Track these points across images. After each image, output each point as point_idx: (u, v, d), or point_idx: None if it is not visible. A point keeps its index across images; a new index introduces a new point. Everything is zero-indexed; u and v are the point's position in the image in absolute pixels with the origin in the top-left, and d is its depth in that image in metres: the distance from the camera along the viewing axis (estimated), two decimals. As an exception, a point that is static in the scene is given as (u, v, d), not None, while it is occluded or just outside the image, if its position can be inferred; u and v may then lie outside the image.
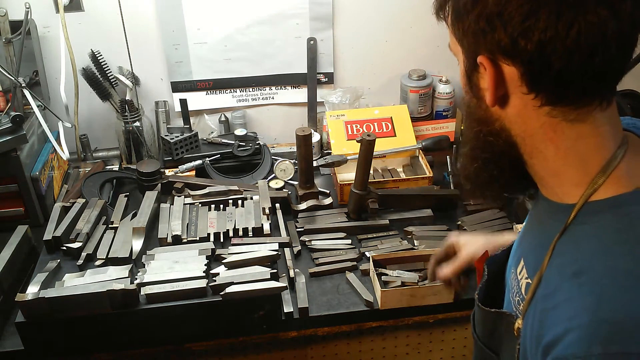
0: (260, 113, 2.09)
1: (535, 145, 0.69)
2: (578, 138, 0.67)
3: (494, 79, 0.66)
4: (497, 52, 0.64)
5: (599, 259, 0.63)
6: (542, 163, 0.70)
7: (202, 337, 1.36)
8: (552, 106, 0.65)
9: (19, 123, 1.54)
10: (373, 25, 1.98)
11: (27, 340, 1.27)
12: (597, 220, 0.66)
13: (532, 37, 0.61)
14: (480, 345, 0.87)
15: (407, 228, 1.60)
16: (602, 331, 0.59)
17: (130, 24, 1.84)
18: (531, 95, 0.65)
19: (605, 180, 0.66)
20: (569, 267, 0.65)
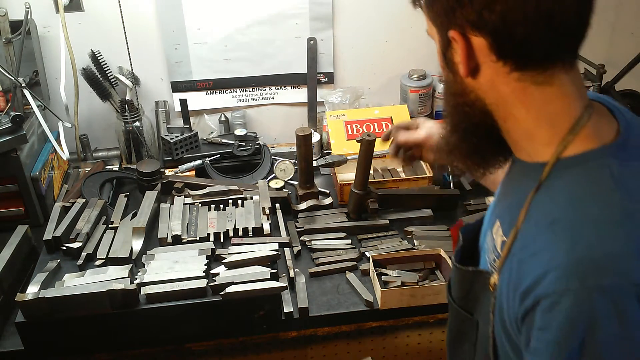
0: (260, 113, 2.09)
1: (508, 110, 0.75)
2: (546, 100, 0.72)
3: (465, 51, 0.72)
4: (466, 25, 0.70)
5: (573, 208, 0.69)
6: (516, 126, 0.76)
7: (202, 337, 1.36)
8: (520, 71, 0.71)
9: (19, 123, 1.54)
10: (373, 25, 1.98)
11: (27, 340, 1.27)
12: (569, 174, 0.71)
13: (494, 9, 0.67)
14: (456, 307, 0.92)
15: (407, 228, 1.60)
16: (579, 268, 0.65)
17: (130, 24, 1.84)
18: (500, 62, 0.71)
19: (574, 139, 0.72)
20: (545, 218, 0.70)
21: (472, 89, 0.76)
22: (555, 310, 0.65)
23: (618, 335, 0.63)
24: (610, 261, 0.64)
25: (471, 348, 0.90)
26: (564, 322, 0.64)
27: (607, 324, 0.63)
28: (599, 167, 0.70)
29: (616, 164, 0.70)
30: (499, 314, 0.76)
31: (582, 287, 0.64)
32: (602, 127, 0.74)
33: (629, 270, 0.63)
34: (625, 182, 0.69)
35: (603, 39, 2.08)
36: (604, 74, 1.81)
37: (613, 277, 0.63)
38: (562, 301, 0.64)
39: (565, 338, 0.64)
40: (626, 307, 0.62)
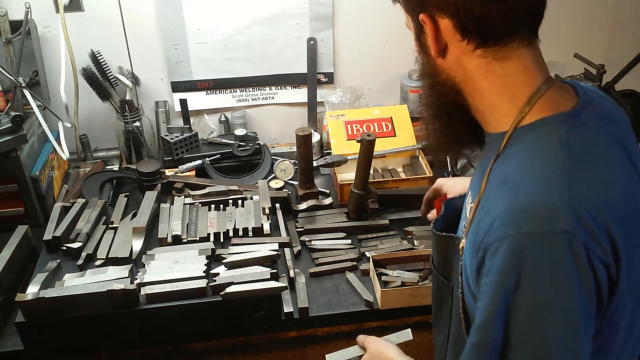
0: (260, 113, 2.09)
1: (474, 86, 0.82)
2: (507, 74, 0.79)
3: (433, 32, 0.80)
4: (433, 9, 0.78)
5: (522, 167, 0.76)
6: (481, 100, 0.82)
7: (202, 337, 1.36)
8: (483, 48, 0.78)
9: (19, 123, 1.54)
10: (373, 25, 1.98)
11: (27, 340, 1.27)
12: (523, 140, 0.78)
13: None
14: (437, 274, 0.99)
15: (407, 228, 1.60)
16: (516, 216, 0.71)
17: (130, 24, 1.84)
18: (464, 41, 0.78)
19: (531, 109, 0.78)
20: (498, 179, 0.78)
21: (443, 69, 0.83)
22: (496, 255, 0.71)
23: (547, 273, 0.69)
24: (544, 210, 0.70)
25: (447, 313, 0.97)
26: (501, 265, 0.71)
27: (538, 267, 0.69)
28: (548, 132, 0.76)
29: (564, 128, 0.76)
30: (464, 275, 0.83)
31: (517, 233, 0.70)
32: (560, 99, 0.79)
33: (559, 218, 0.69)
34: (569, 143, 0.74)
35: (603, 39, 2.08)
36: (604, 74, 1.81)
37: (545, 224, 0.69)
38: (502, 246, 0.71)
39: (503, 279, 0.71)
40: (556, 252, 0.68)
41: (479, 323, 0.74)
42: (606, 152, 0.78)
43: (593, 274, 0.70)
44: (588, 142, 0.76)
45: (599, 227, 0.70)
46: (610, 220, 0.71)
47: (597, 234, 0.70)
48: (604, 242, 0.70)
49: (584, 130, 0.77)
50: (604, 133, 0.79)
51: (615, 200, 0.73)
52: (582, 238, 0.69)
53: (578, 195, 0.71)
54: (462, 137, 0.90)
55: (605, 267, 0.71)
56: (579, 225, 0.69)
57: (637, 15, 2.06)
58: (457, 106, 0.85)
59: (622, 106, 1.74)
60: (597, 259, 0.70)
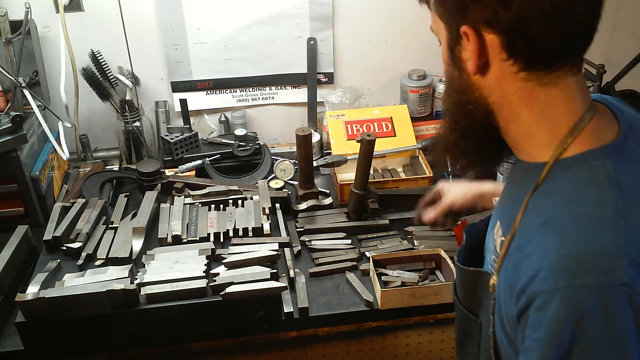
0: (260, 113, 2.09)
1: (511, 110, 0.75)
2: (550, 101, 0.72)
3: (477, 47, 0.71)
4: (480, 22, 0.70)
5: (565, 207, 0.69)
6: (518, 127, 0.76)
7: (202, 337, 1.36)
8: (528, 71, 0.71)
9: (19, 123, 1.54)
10: (373, 25, 1.98)
11: (27, 340, 1.27)
12: (565, 175, 0.71)
13: (511, 6, 0.66)
14: (461, 308, 0.92)
15: (407, 228, 1.60)
16: (566, 266, 0.64)
17: (130, 24, 1.84)
18: (509, 61, 0.71)
19: (574, 140, 0.72)
20: (538, 217, 0.71)
21: (478, 87, 0.76)
22: (546, 309, 0.65)
23: (606, 334, 0.62)
24: (598, 260, 0.64)
25: (475, 349, 0.90)
26: (553, 321, 0.64)
27: (595, 323, 0.62)
28: (593, 167, 0.70)
29: (611, 164, 0.70)
30: (498, 314, 0.76)
31: (570, 286, 0.63)
32: (602, 129, 0.73)
33: (616, 269, 0.63)
34: (618, 181, 0.68)
35: (603, 39, 2.08)
36: (604, 74, 1.81)
37: (600, 276, 0.63)
38: (552, 300, 0.64)
39: (555, 336, 0.64)
40: (613, 306, 0.62)
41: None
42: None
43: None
44: (636, 177, 0.70)
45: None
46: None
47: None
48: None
49: (631, 164, 0.71)
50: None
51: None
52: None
53: (635, 242, 0.64)
54: (486, 160, 0.84)
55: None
56: (638, 276, 0.63)
57: (637, 15, 2.07)
58: (486, 127, 0.78)
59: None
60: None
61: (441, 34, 0.78)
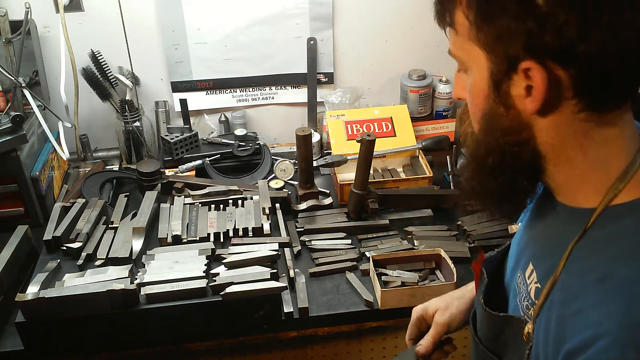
0: (260, 113, 2.09)
1: (564, 152, 0.66)
2: (605, 142, 0.65)
3: (545, 84, 0.61)
4: (546, 55, 0.59)
5: (624, 264, 0.62)
6: (569, 170, 0.68)
7: (202, 337, 1.36)
8: (591, 111, 0.62)
9: (19, 123, 1.54)
10: (373, 25, 1.98)
11: (27, 340, 1.27)
12: (618, 224, 0.64)
13: (592, 38, 0.56)
14: (483, 349, 0.85)
15: (407, 228, 1.60)
16: (635, 336, 0.58)
17: (130, 24, 1.84)
18: (574, 100, 0.61)
19: (626, 185, 0.64)
20: (592, 272, 0.63)
21: (528, 126, 0.66)
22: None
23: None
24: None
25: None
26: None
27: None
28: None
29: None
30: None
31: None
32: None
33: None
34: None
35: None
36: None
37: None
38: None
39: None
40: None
41: None
42: None
43: None
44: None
45: None
46: None
47: None
48: None
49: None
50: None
51: None
52: None
53: None
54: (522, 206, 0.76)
55: None
56: None
57: (637, 15, 2.06)
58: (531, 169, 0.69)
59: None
60: None
61: (476, 63, 0.67)
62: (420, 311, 1.09)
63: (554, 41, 0.58)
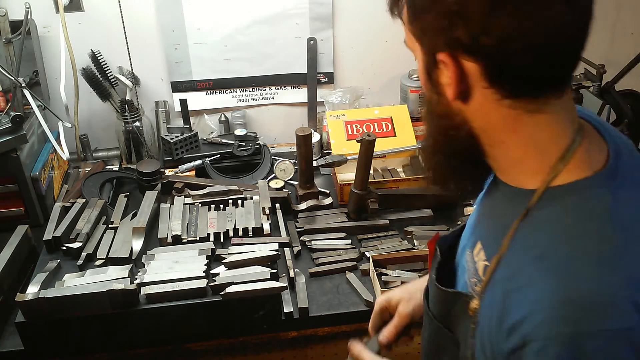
0: (260, 113, 2.09)
1: (497, 137, 0.71)
2: (537, 127, 0.69)
3: (456, 75, 0.67)
4: (458, 49, 0.65)
5: (562, 243, 0.65)
6: (504, 153, 0.72)
7: (202, 337, 1.36)
8: (513, 99, 0.67)
9: (19, 123, 1.54)
10: (373, 25, 1.98)
11: (27, 340, 1.27)
12: (558, 204, 0.68)
13: (492, 33, 0.62)
14: (437, 323, 0.88)
15: (407, 228, 1.60)
16: (570, 311, 0.61)
17: (130, 24, 1.84)
18: (492, 89, 0.66)
19: (565, 166, 0.68)
20: (532, 250, 0.67)
21: (459, 112, 0.72)
22: (547, 354, 0.61)
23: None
24: (600, 304, 0.61)
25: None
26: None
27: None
28: (591, 198, 0.67)
29: (609, 194, 0.67)
30: (480, 339, 0.74)
31: (573, 332, 0.61)
32: (593, 152, 0.70)
33: (622, 313, 0.60)
34: (617, 213, 0.65)
35: (603, 39, 2.08)
36: (604, 74, 1.81)
37: (604, 321, 0.60)
38: (553, 345, 0.61)
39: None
40: (620, 352, 0.60)
41: None
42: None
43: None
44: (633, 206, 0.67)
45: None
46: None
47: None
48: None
49: (627, 191, 0.68)
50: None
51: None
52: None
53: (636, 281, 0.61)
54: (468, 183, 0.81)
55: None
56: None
57: (637, 15, 2.07)
58: (470, 152, 0.75)
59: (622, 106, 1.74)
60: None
61: (417, 53, 0.74)
62: (384, 302, 1.12)
63: (462, 36, 0.63)
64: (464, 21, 0.63)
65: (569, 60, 0.66)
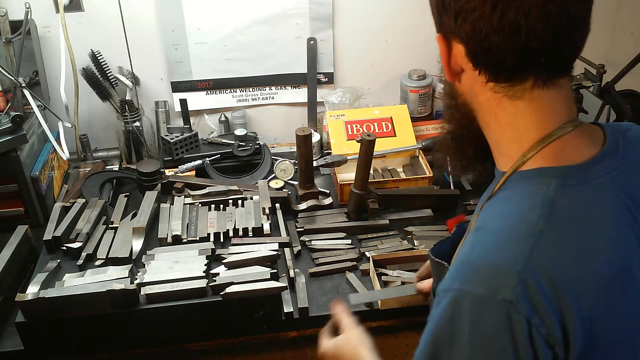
0: (260, 113, 2.09)
1: (484, 119, 0.78)
2: (516, 114, 0.73)
3: (446, 55, 0.76)
4: (448, 31, 0.74)
5: (495, 219, 0.72)
6: (489, 135, 0.79)
7: (202, 337, 1.36)
8: (494, 82, 0.73)
9: (19, 123, 1.54)
10: (373, 25, 1.98)
11: (27, 340, 1.27)
12: (513, 187, 0.73)
13: (467, 17, 0.69)
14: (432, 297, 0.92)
15: (407, 228, 1.60)
16: (464, 270, 0.68)
17: (130, 24, 1.84)
18: (477, 71, 0.73)
19: (535, 154, 0.73)
20: (477, 222, 0.75)
21: (461, 93, 0.79)
22: (438, 306, 0.69)
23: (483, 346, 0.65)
24: (491, 272, 0.66)
25: None
26: (438, 317, 0.68)
27: (474, 332, 0.65)
28: (538, 185, 0.71)
29: (556, 185, 0.70)
30: None
31: (459, 289, 0.67)
32: (572, 148, 0.73)
33: (506, 285, 0.64)
34: (554, 202, 0.69)
35: (603, 39, 2.08)
36: (604, 74, 1.81)
37: (488, 288, 0.65)
38: (444, 298, 0.68)
39: (438, 332, 0.68)
40: (492, 321, 0.64)
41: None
42: (600, 218, 0.70)
43: (533, 352, 0.64)
44: (580, 203, 0.70)
45: (551, 303, 0.64)
46: (568, 299, 0.64)
47: (545, 310, 0.63)
48: (552, 320, 0.64)
49: (583, 189, 0.70)
50: (611, 194, 0.71)
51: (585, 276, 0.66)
52: (526, 312, 0.63)
53: (536, 264, 0.65)
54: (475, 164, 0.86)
55: (550, 349, 0.64)
56: (524, 297, 0.63)
57: (637, 15, 2.07)
58: (472, 133, 0.81)
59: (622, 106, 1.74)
60: (541, 337, 0.63)
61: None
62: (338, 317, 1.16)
63: (449, 19, 0.72)
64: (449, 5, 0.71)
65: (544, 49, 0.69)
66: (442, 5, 0.72)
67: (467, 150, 0.85)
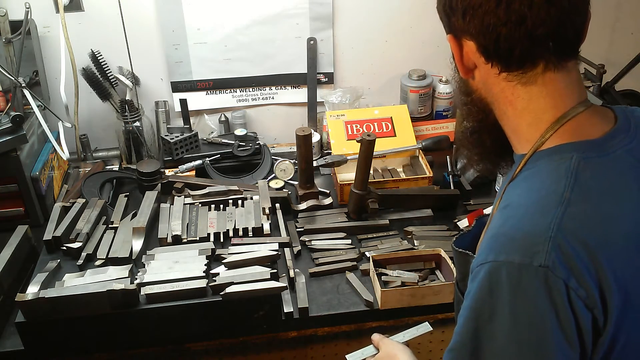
0: (260, 113, 2.09)
1: (500, 108, 0.81)
2: (531, 99, 0.77)
3: (458, 53, 0.80)
4: (457, 30, 0.78)
5: (523, 194, 0.74)
6: (507, 123, 0.82)
7: (202, 337, 1.36)
8: (506, 72, 0.77)
9: (19, 123, 1.54)
10: (373, 25, 1.98)
11: (27, 340, 1.27)
12: (535, 165, 0.76)
13: (475, 13, 0.74)
14: (457, 289, 0.97)
15: (407, 228, 1.60)
16: (498, 242, 0.70)
17: (130, 24, 1.84)
18: (489, 64, 0.77)
19: (553, 134, 0.76)
20: (503, 202, 0.77)
21: (475, 89, 0.83)
22: (475, 280, 0.71)
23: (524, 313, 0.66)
24: (526, 240, 0.68)
25: None
26: (477, 291, 0.70)
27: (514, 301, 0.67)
28: (560, 159, 0.74)
29: (578, 158, 0.73)
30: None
31: (495, 261, 0.69)
32: (588, 126, 0.76)
33: (541, 251, 0.66)
34: (578, 173, 0.71)
35: (603, 39, 2.08)
36: (604, 74, 1.81)
37: (524, 255, 0.67)
38: (480, 272, 0.70)
39: (477, 306, 0.70)
40: (531, 287, 0.66)
41: (451, 346, 0.73)
42: (623, 185, 0.72)
43: (574, 315, 0.65)
44: (602, 173, 0.72)
45: (586, 266, 0.65)
46: (602, 261, 0.66)
47: (582, 273, 0.65)
48: (589, 282, 0.65)
49: (603, 161, 0.73)
50: (629, 165, 0.74)
51: (616, 239, 0.68)
52: (563, 275, 0.65)
53: (568, 229, 0.67)
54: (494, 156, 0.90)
55: (589, 311, 0.66)
56: (560, 261, 0.65)
57: (637, 15, 2.07)
58: (489, 126, 0.85)
59: (622, 106, 1.74)
60: (579, 300, 0.65)
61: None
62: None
63: (457, 19, 0.76)
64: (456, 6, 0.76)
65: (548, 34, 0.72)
66: (450, 7, 0.77)
67: (485, 142, 0.88)
